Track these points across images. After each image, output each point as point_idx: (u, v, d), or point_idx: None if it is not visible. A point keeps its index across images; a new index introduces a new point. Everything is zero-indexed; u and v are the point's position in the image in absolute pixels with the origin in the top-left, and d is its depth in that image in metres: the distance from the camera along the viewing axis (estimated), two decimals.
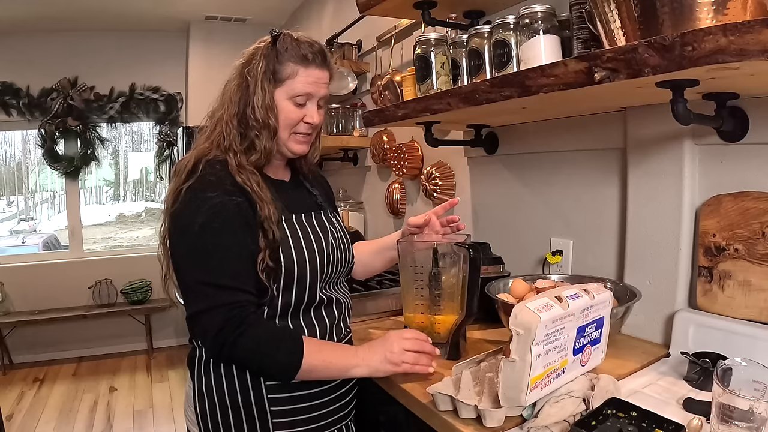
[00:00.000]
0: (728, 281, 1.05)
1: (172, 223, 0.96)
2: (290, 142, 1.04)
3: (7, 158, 4.53)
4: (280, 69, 0.99)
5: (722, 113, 1.00)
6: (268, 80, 0.98)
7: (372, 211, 2.68)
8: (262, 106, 0.98)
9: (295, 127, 1.03)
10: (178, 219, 0.95)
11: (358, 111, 2.64)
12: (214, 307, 0.91)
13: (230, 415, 0.99)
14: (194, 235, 0.92)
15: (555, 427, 0.80)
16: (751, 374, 0.75)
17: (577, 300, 0.87)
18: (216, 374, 1.00)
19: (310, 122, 1.03)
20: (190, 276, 0.94)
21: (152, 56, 4.23)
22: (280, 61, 0.98)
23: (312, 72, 1.00)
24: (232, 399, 0.98)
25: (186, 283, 0.95)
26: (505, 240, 1.67)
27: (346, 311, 1.15)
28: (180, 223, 0.95)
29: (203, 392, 1.01)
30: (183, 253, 0.95)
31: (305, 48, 0.99)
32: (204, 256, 0.92)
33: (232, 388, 0.98)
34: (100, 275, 4.15)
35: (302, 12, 3.72)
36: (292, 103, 1.01)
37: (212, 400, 0.99)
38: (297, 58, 0.99)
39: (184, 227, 0.94)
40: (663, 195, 1.18)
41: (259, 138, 1.00)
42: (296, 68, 0.99)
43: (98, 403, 3.30)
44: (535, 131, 1.56)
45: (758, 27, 0.63)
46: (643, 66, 0.76)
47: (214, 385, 1.00)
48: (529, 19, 1.09)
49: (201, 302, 0.92)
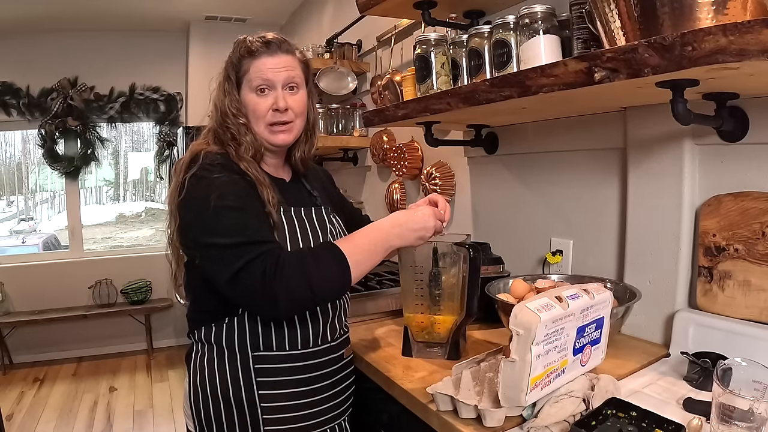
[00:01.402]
0: (728, 281, 1.05)
1: (184, 212, 0.98)
2: (266, 133, 1.08)
3: (7, 158, 4.53)
4: (239, 69, 1.07)
5: (722, 113, 1.00)
6: (229, 82, 1.08)
7: (372, 211, 2.68)
8: (231, 106, 1.06)
9: (265, 117, 1.07)
10: (190, 204, 0.97)
11: (358, 111, 2.64)
12: (249, 261, 0.91)
13: (222, 409, 1.01)
14: (210, 211, 0.94)
15: (555, 427, 0.80)
16: (751, 374, 0.75)
17: (577, 300, 0.87)
18: (210, 369, 1.03)
19: (278, 108, 1.06)
20: (217, 246, 0.94)
21: (152, 56, 4.23)
22: (236, 63, 1.07)
23: (263, 61, 1.06)
24: (224, 394, 1.01)
25: (214, 256, 0.95)
26: (505, 240, 1.67)
27: (341, 311, 1.15)
28: (193, 208, 0.97)
29: (197, 387, 1.04)
30: (203, 230, 0.95)
31: (253, 43, 1.06)
32: (225, 225, 0.94)
33: (224, 383, 1.01)
34: (100, 275, 4.15)
35: (302, 12, 3.72)
36: (255, 96, 1.06)
37: (206, 394, 1.03)
38: (248, 53, 1.06)
39: (198, 209, 0.96)
40: (663, 195, 1.18)
41: (239, 133, 1.06)
42: (248, 63, 1.06)
43: (98, 403, 3.30)
44: (535, 131, 1.56)
45: (758, 27, 0.63)
46: (643, 66, 0.76)
47: (208, 380, 1.03)
48: (529, 19, 1.09)
49: (236, 262, 0.92)
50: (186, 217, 0.98)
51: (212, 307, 1.04)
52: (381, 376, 1.13)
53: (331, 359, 1.11)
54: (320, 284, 0.93)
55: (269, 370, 1.03)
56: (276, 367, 1.03)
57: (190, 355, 1.09)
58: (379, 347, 1.28)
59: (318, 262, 0.93)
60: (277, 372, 1.03)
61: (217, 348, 1.04)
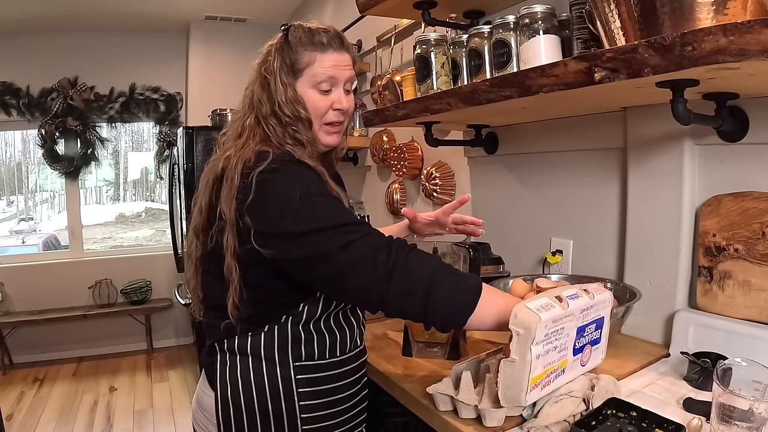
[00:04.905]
0: (728, 281, 1.05)
1: (263, 210, 0.85)
2: (320, 133, 1.00)
3: (7, 158, 4.53)
4: (297, 59, 0.96)
5: (722, 113, 1.00)
6: (287, 73, 0.96)
7: (372, 211, 2.68)
8: (288, 101, 0.95)
9: (324, 117, 0.99)
10: (270, 200, 0.85)
11: (358, 111, 2.64)
12: (365, 235, 0.83)
13: (259, 423, 0.94)
14: (299, 201, 0.84)
15: (555, 427, 0.80)
16: (751, 374, 0.75)
17: (577, 300, 0.87)
18: (245, 382, 0.95)
19: (340, 108, 1.00)
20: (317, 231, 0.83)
21: (152, 56, 4.23)
22: (295, 52, 0.96)
23: (330, 56, 0.97)
24: (262, 407, 0.94)
25: (317, 240, 0.83)
26: (505, 240, 1.67)
27: (364, 316, 1.11)
28: (276, 203, 0.85)
29: (229, 400, 0.95)
30: (295, 221, 0.84)
31: (318, 34, 0.97)
32: (322, 210, 0.85)
33: (262, 395, 0.94)
34: (100, 275, 4.14)
35: (302, 12, 3.72)
36: (316, 92, 0.98)
37: (239, 408, 0.95)
38: (311, 45, 0.96)
39: (282, 203, 0.84)
40: (663, 195, 1.18)
41: (298, 132, 0.96)
42: (313, 55, 0.96)
43: (98, 403, 3.29)
44: (535, 131, 1.56)
45: (758, 27, 0.64)
46: (643, 66, 0.76)
47: (243, 393, 0.94)
48: (529, 19, 1.09)
49: (348, 236, 0.82)
50: (265, 214, 0.85)
51: (249, 315, 0.94)
52: (381, 376, 1.13)
53: (361, 363, 1.07)
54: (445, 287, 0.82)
55: (311, 380, 0.97)
56: (317, 376, 0.98)
57: (214, 365, 0.98)
58: (379, 347, 1.29)
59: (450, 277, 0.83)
60: (318, 381, 0.98)
61: (253, 358, 0.96)
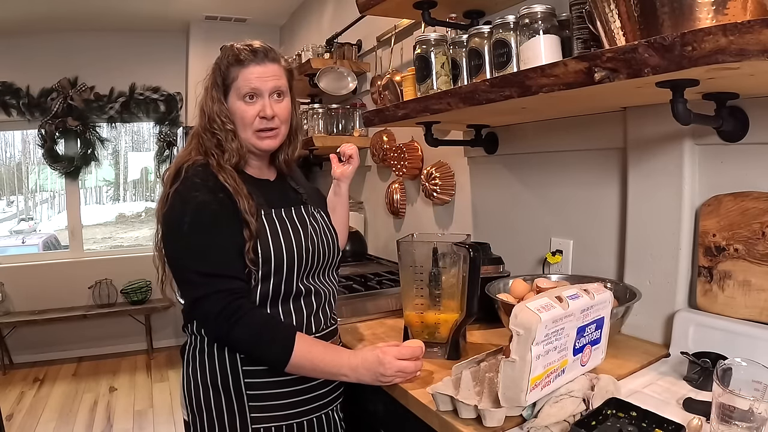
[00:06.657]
0: (728, 281, 1.05)
1: (164, 225, 1.07)
2: (253, 139, 1.12)
3: (7, 158, 4.54)
4: (227, 76, 1.10)
5: (722, 113, 1.00)
6: (217, 89, 1.11)
7: (372, 211, 2.68)
8: (218, 114, 1.10)
9: (253, 124, 1.11)
10: (169, 221, 1.06)
11: (358, 111, 2.64)
12: (213, 293, 1.00)
13: (212, 397, 1.08)
14: (184, 233, 1.02)
15: (555, 427, 0.80)
16: (751, 374, 0.75)
17: (577, 300, 0.87)
18: (201, 360, 1.10)
19: (264, 115, 1.10)
20: (186, 269, 1.04)
21: (152, 56, 4.23)
22: (224, 70, 1.10)
23: (252, 69, 1.09)
24: (213, 382, 1.08)
25: (183, 276, 1.05)
26: (505, 240, 1.67)
27: (326, 303, 1.18)
28: (171, 224, 1.05)
29: (191, 376, 1.11)
30: (177, 250, 1.06)
31: (243, 51, 1.09)
32: (196, 250, 1.02)
33: (213, 372, 1.08)
34: (100, 275, 4.15)
35: (302, 12, 3.72)
36: (243, 103, 1.10)
37: (197, 383, 1.10)
38: (237, 62, 1.09)
39: (174, 227, 1.04)
40: (663, 195, 1.18)
41: (225, 140, 1.10)
42: (236, 71, 1.09)
43: (98, 403, 3.29)
44: (535, 131, 1.56)
45: (758, 27, 0.63)
46: (643, 66, 0.76)
47: (200, 370, 1.10)
48: (529, 19, 1.09)
49: (200, 289, 1.02)
50: (165, 230, 1.07)
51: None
52: None
53: None
54: (258, 352, 1.04)
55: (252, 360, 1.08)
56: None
57: (185, 346, 1.16)
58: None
59: (268, 343, 1.02)
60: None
61: (208, 339, 1.10)
